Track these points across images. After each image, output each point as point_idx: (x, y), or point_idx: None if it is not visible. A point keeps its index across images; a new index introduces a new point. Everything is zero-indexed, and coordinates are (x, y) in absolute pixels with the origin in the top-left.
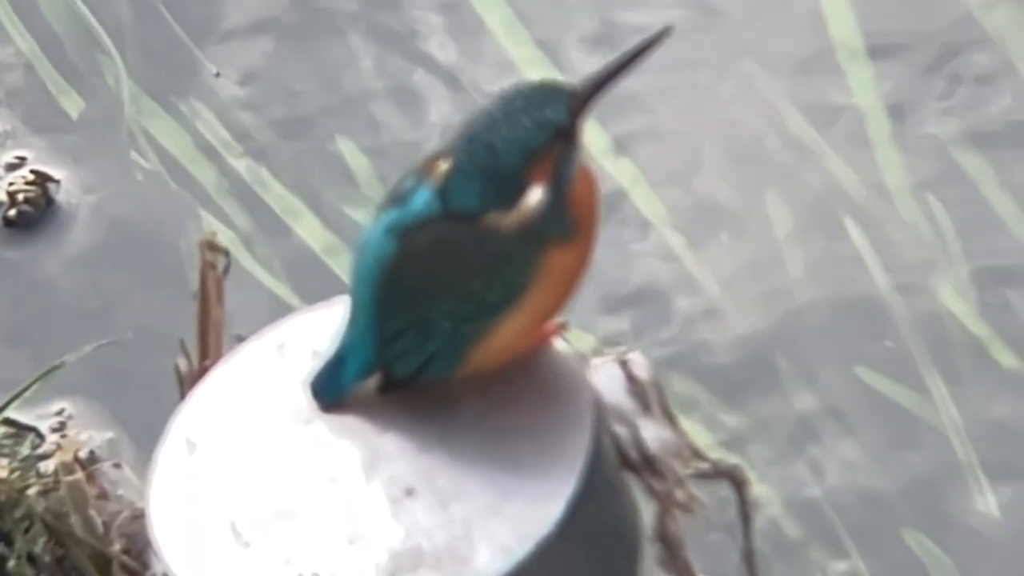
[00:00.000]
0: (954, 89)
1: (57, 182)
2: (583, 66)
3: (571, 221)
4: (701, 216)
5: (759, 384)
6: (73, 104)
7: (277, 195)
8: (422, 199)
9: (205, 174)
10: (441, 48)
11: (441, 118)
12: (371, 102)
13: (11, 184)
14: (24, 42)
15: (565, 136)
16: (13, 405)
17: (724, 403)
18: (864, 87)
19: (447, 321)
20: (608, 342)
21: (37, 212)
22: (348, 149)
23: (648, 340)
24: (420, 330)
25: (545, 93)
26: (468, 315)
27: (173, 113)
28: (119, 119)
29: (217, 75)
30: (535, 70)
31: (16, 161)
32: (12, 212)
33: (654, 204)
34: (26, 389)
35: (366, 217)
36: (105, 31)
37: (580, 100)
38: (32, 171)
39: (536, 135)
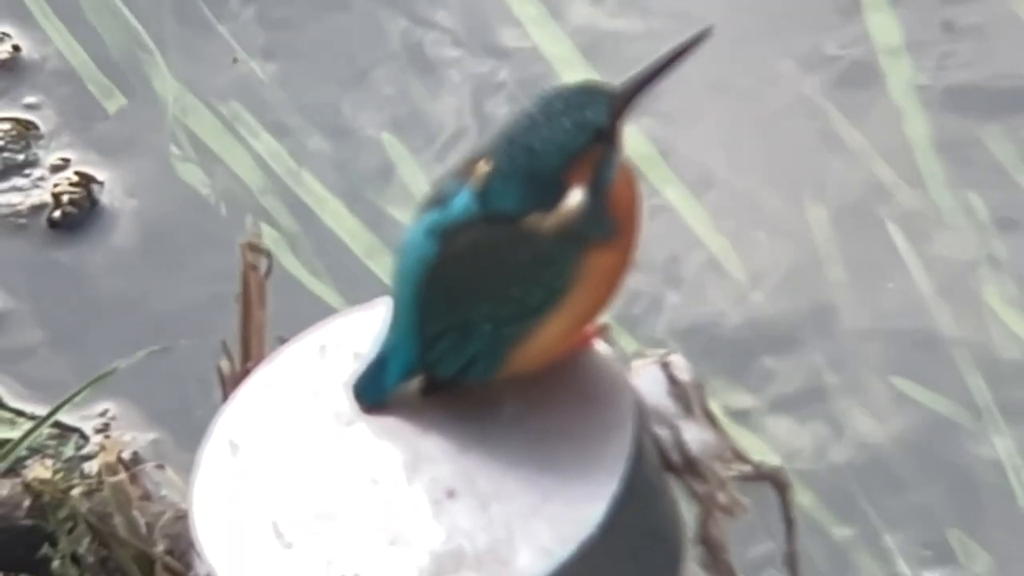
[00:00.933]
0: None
1: (101, 183)
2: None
3: (612, 222)
4: (739, 215)
5: (802, 392)
6: (116, 105)
7: (319, 196)
8: (462, 201)
9: (248, 175)
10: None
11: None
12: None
13: (56, 185)
14: (66, 44)
15: (606, 138)
16: (54, 404)
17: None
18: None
19: (488, 323)
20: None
21: (81, 213)
22: (392, 147)
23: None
24: (461, 332)
25: (585, 94)
26: (509, 317)
27: (216, 114)
28: (162, 120)
29: (235, 60)
30: (539, 28)
31: (60, 163)
32: (57, 213)
33: (692, 204)
34: (77, 394)
35: (406, 216)
36: (147, 32)
37: (621, 101)
38: (76, 172)
39: (576, 137)
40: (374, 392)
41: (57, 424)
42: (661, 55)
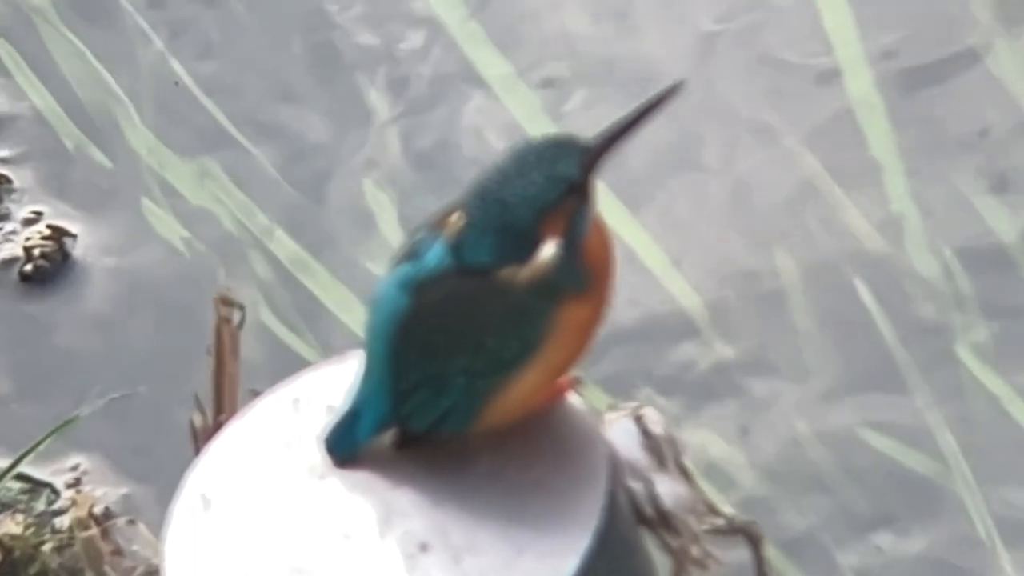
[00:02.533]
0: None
1: (74, 237)
2: None
3: (585, 275)
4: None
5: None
6: (90, 159)
7: (292, 251)
8: (436, 254)
9: (221, 228)
10: None
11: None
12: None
13: (28, 239)
14: (41, 98)
15: (578, 191)
16: (28, 460)
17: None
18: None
19: (462, 376)
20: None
21: (53, 267)
22: (376, 200)
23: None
24: (435, 385)
25: (557, 148)
26: (483, 370)
27: (189, 168)
28: (136, 173)
29: (176, 83)
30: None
31: (33, 216)
32: (28, 267)
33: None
34: (40, 443)
35: (380, 269)
36: (120, 86)
37: (593, 155)
38: (49, 226)
39: (549, 190)
40: (346, 446)
41: (28, 479)
42: (633, 109)
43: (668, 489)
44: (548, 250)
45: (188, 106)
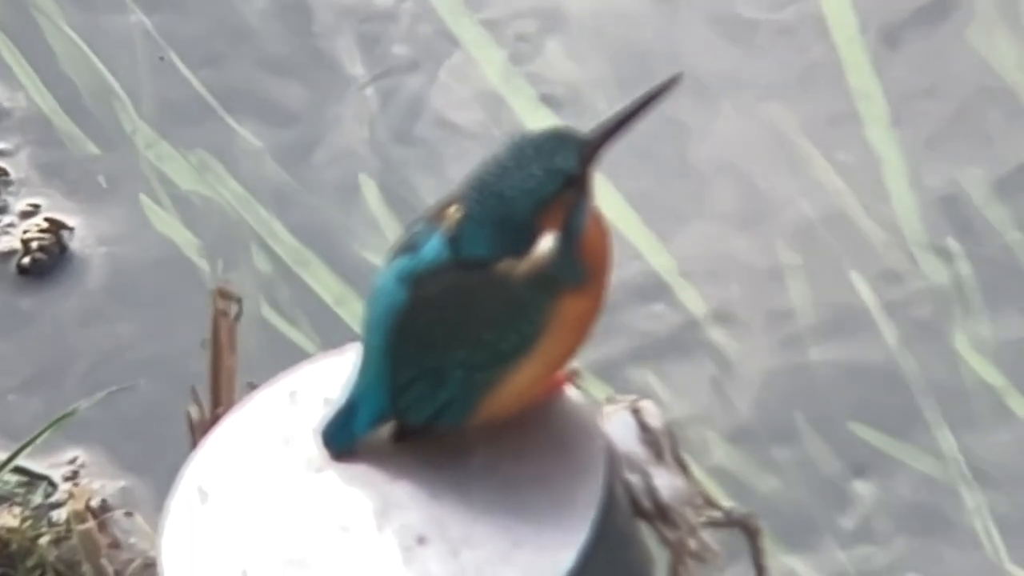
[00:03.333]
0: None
1: (71, 229)
2: None
3: (583, 268)
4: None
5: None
6: (87, 152)
7: (289, 244)
8: (433, 247)
9: (219, 221)
10: None
11: None
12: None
13: (25, 232)
14: (38, 91)
15: (576, 184)
16: (26, 453)
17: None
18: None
19: (460, 369)
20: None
21: (51, 260)
22: (371, 193)
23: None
24: (433, 378)
25: (555, 141)
26: (481, 363)
27: (188, 160)
28: (134, 166)
29: (161, 58)
30: None
31: (30, 209)
32: (26, 260)
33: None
34: (37, 437)
35: (378, 262)
36: (118, 80)
37: (591, 147)
38: (46, 219)
39: (547, 183)
40: (343, 439)
41: (26, 472)
42: (631, 101)
43: (666, 482)
44: (546, 243)
45: (186, 97)
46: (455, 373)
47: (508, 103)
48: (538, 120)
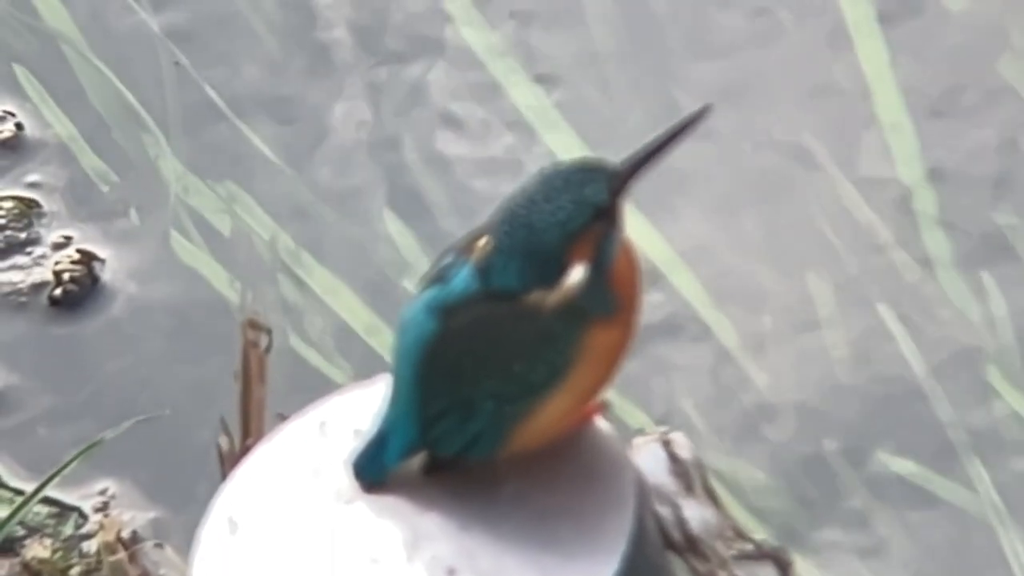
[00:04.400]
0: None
1: (103, 261)
2: None
3: (613, 299)
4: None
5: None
6: (117, 184)
7: (319, 275)
8: (463, 279)
9: (248, 251)
10: None
11: None
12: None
13: (57, 263)
14: (67, 123)
15: (606, 215)
16: (56, 484)
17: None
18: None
19: (490, 401)
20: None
21: (82, 291)
22: (395, 226)
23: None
24: (463, 410)
25: (585, 172)
26: (511, 395)
27: (217, 193)
28: (164, 198)
29: (176, 64)
30: None
31: (62, 240)
32: (58, 291)
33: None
34: (65, 467)
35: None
36: (148, 112)
37: (621, 179)
38: (78, 250)
39: (576, 215)
40: (374, 470)
41: (56, 503)
42: (661, 133)
43: (696, 514)
44: (576, 275)
45: (217, 129)
46: (485, 405)
47: (504, 88)
48: (533, 101)
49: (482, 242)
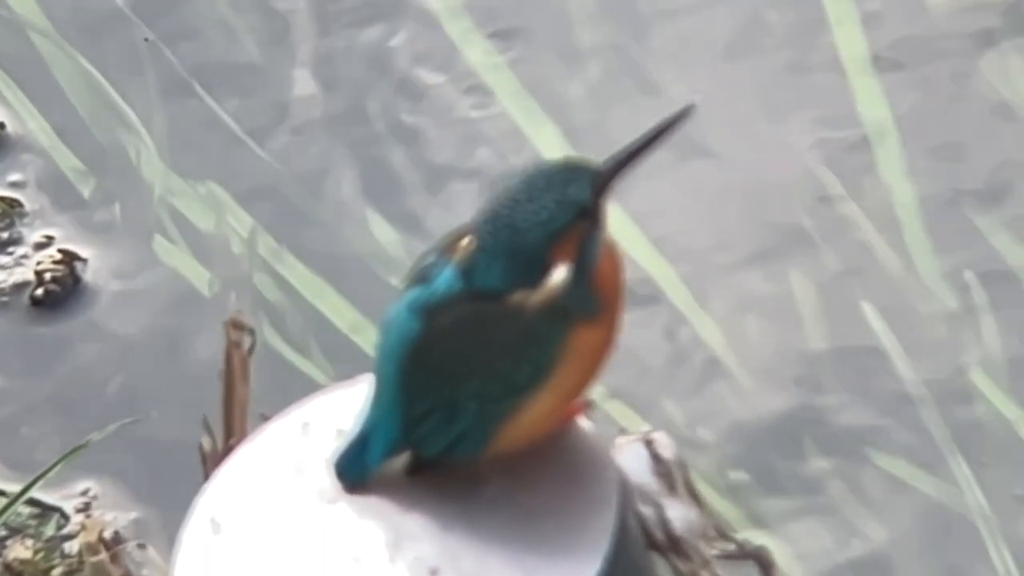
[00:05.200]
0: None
1: (84, 261)
2: None
3: (596, 299)
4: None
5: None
6: (99, 183)
7: (301, 274)
8: (446, 278)
9: (231, 253)
10: None
11: None
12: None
13: (39, 263)
14: (49, 121)
15: (589, 215)
16: (38, 485)
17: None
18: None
19: (474, 401)
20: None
21: (64, 291)
22: (378, 226)
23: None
24: (447, 410)
25: (568, 172)
26: (495, 395)
27: (198, 192)
28: (146, 197)
29: (147, 40)
30: None
31: (44, 240)
32: (39, 291)
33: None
34: (50, 469)
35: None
36: (131, 108)
37: (604, 178)
38: (60, 250)
39: (559, 215)
40: (356, 470)
41: (38, 503)
42: (644, 132)
43: (679, 514)
44: (559, 274)
45: (201, 130)
46: (469, 405)
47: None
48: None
49: (465, 242)
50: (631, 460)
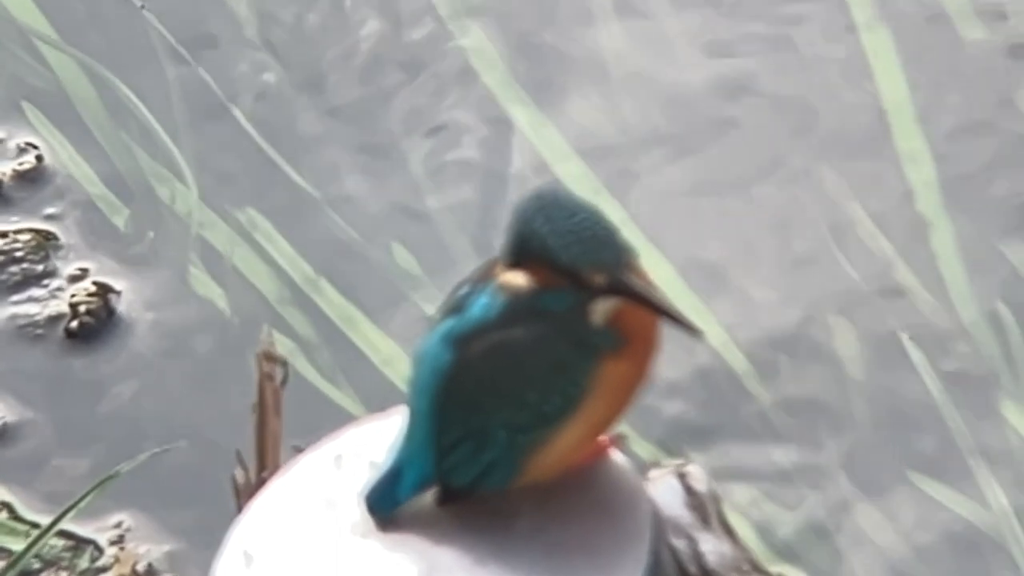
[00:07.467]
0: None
1: (118, 293)
2: None
3: (615, 335)
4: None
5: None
6: (133, 216)
7: (336, 304)
8: (481, 305)
9: (265, 283)
10: None
11: None
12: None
13: (73, 296)
14: (88, 155)
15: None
16: (72, 517)
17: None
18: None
19: (504, 431)
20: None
21: (98, 324)
22: (403, 257)
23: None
24: (477, 440)
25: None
26: (525, 425)
27: (233, 222)
28: (183, 229)
29: (142, 7)
30: None
31: (78, 273)
32: (74, 324)
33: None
34: (81, 499)
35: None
36: (173, 142)
37: (623, 278)
38: (94, 282)
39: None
40: (387, 504)
41: (72, 536)
42: (664, 297)
43: (712, 547)
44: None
45: (235, 159)
46: (499, 435)
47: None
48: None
49: (500, 268)
50: (664, 493)
